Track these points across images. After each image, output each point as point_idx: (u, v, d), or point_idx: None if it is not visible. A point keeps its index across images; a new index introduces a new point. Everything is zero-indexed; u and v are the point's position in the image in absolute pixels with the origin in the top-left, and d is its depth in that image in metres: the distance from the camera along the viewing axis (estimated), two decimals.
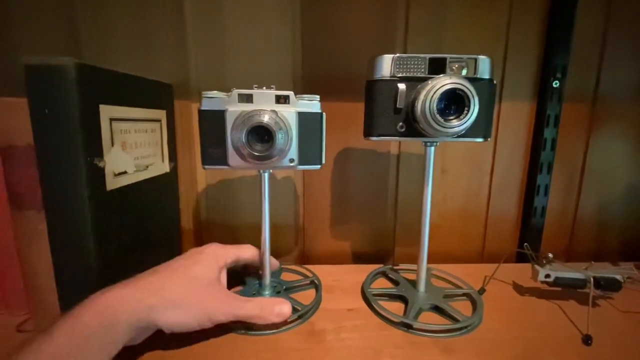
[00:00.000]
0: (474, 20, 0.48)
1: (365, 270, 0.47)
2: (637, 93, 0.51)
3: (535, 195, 0.52)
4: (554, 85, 0.48)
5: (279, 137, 0.33)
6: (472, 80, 0.33)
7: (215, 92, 0.35)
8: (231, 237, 0.52)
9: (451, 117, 0.32)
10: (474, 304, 0.40)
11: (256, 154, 0.33)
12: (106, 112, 0.32)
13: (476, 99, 0.32)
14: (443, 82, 0.32)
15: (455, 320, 0.36)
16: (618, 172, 0.53)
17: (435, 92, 0.31)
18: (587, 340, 0.34)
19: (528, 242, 0.52)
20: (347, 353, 0.32)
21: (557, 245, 0.55)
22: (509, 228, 0.54)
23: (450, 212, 0.53)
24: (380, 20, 0.47)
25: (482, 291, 0.43)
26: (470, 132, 0.35)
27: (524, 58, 0.49)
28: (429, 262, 0.47)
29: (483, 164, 0.52)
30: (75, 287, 0.32)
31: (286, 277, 0.47)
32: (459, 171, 0.52)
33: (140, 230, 0.40)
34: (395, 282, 0.44)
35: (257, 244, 0.40)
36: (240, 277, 0.45)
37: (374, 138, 0.37)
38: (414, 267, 0.42)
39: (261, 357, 0.31)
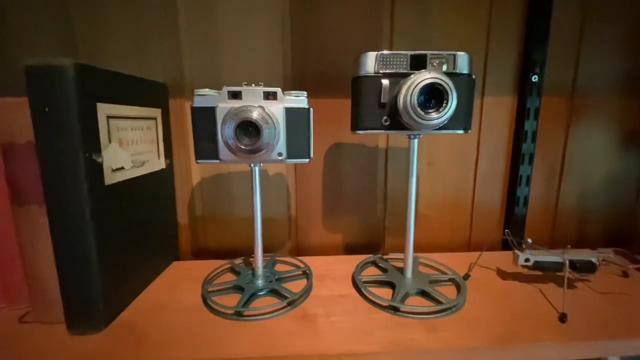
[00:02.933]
0: (456, 19, 0.50)
1: (356, 260, 0.49)
2: (614, 85, 0.53)
3: (518, 186, 0.54)
4: (533, 80, 0.51)
5: (266, 132, 0.34)
6: (452, 75, 0.35)
7: (207, 89, 0.37)
8: (225, 231, 0.54)
9: (431, 110, 0.34)
10: (458, 288, 0.42)
11: (244, 147, 0.35)
12: (103, 110, 0.34)
13: (454, 92, 0.34)
14: (423, 77, 0.34)
15: (439, 302, 0.38)
16: (597, 161, 0.56)
17: (415, 87, 0.33)
18: (562, 318, 0.36)
19: (512, 230, 0.54)
20: (337, 334, 0.34)
21: (541, 233, 0.57)
22: (493, 217, 0.56)
23: (437, 203, 0.55)
24: (366, 19, 0.49)
25: (466, 277, 0.45)
26: (451, 124, 0.37)
27: (504, 55, 0.51)
28: (417, 251, 0.49)
29: (468, 156, 0.54)
30: (77, 278, 0.34)
31: (279, 267, 0.48)
32: (445, 164, 0.54)
33: (138, 224, 0.42)
34: (384, 270, 0.46)
35: (251, 237, 0.41)
36: (234, 268, 0.47)
37: (361, 132, 0.39)
38: (402, 255, 0.44)
39: (254, 340, 0.33)
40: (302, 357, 0.31)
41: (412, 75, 0.35)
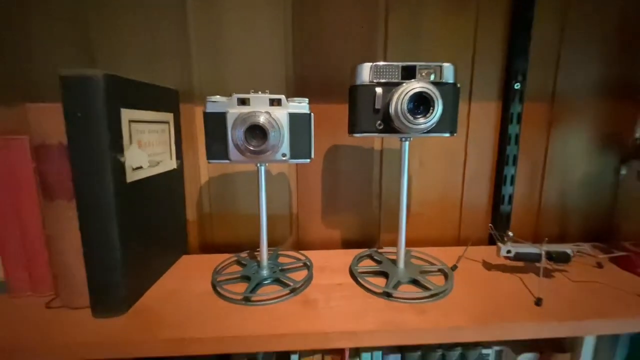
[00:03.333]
0: (444, 31, 0.54)
1: (353, 253, 0.53)
2: (591, 92, 0.57)
3: (503, 185, 0.58)
4: (516, 88, 0.55)
5: (272, 135, 0.38)
6: (438, 84, 0.40)
7: (218, 96, 0.41)
8: (230, 227, 0.58)
9: (419, 116, 0.38)
10: (446, 277, 0.46)
11: (252, 149, 0.39)
12: (126, 115, 0.38)
13: (440, 100, 0.38)
14: (412, 87, 0.38)
15: (428, 289, 0.42)
16: (576, 162, 0.60)
17: (405, 95, 0.38)
18: (538, 302, 0.40)
19: (498, 226, 0.58)
20: (335, 316, 0.38)
21: (525, 229, 0.61)
22: (481, 214, 0.60)
23: (429, 201, 0.60)
24: (362, 32, 0.53)
25: (454, 267, 0.49)
26: (438, 128, 0.41)
27: (489, 65, 0.55)
28: (410, 246, 0.53)
29: (457, 157, 0.59)
30: (102, 267, 0.38)
31: (282, 260, 0.52)
32: (435, 164, 0.59)
33: (152, 219, 0.45)
34: (379, 262, 0.50)
35: (254, 232, 0.45)
36: (240, 261, 0.51)
37: (357, 135, 0.43)
38: (395, 249, 0.48)
39: (261, 321, 0.37)
40: (305, 334, 0.35)
41: (402, 85, 0.39)
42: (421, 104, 0.39)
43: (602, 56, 0.56)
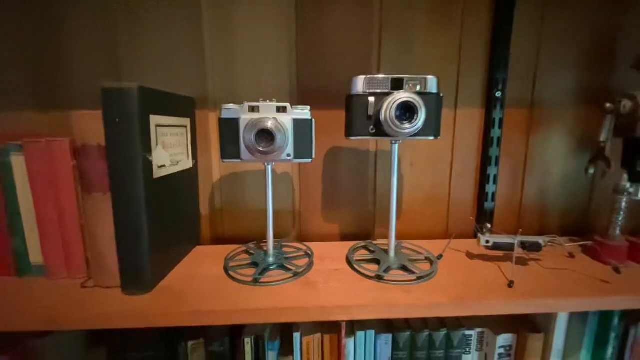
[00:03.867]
0: (432, 47, 0.60)
1: (350, 245, 0.59)
2: (566, 99, 0.63)
3: (487, 184, 0.64)
4: (497, 95, 0.61)
5: (279, 138, 0.44)
6: (423, 94, 0.46)
7: (231, 104, 0.47)
8: (239, 220, 0.64)
9: (405, 122, 0.44)
10: (431, 264, 0.52)
11: (261, 150, 0.45)
12: (154, 120, 0.44)
13: (423, 108, 0.44)
14: (399, 96, 0.44)
15: (414, 273, 0.48)
16: (555, 162, 0.66)
17: (393, 104, 0.44)
18: (510, 284, 0.46)
19: (482, 221, 0.64)
20: (333, 294, 0.44)
21: (508, 224, 0.67)
22: (467, 210, 0.66)
23: (419, 198, 0.65)
24: (359, 46, 0.60)
25: (439, 257, 0.55)
26: (423, 132, 0.47)
27: (473, 75, 0.61)
28: (402, 238, 0.59)
29: (444, 159, 0.64)
30: (132, 252, 0.44)
31: (286, 250, 0.58)
32: (425, 165, 0.65)
33: (173, 212, 0.51)
34: (372, 252, 0.56)
35: (261, 225, 0.51)
36: (248, 250, 0.57)
37: (352, 138, 0.49)
38: (388, 241, 0.53)
39: (268, 298, 0.43)
40: (305, 308, 0.41)
41: (391, 94, 0.45)
42: (407, 111, 0.45)
43: (575, 67, 0.62)
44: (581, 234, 0.63)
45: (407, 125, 0.44)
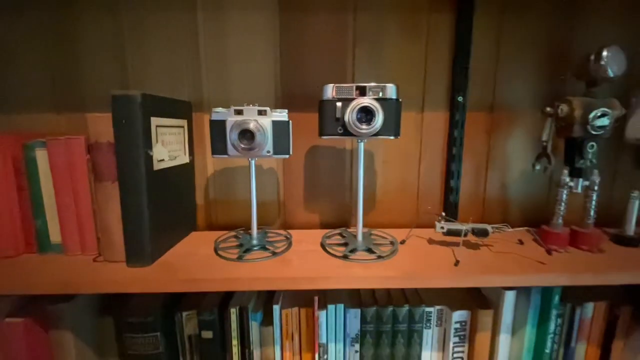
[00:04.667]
0: (400, 57, 0.68)
1: (327, 232, 0.67)
2: (523, 102, 0.70)
3: (451, 179, 0.71)
4: (459, 100, 0.68)
5: (258, 137, 0.53)
6: (383, 100, 0.53)
7: (220, 108, 0.55)
8: (230, 210, 0.72)
9: (363, 124, 0.52)
10: (395, 249, 0.60)
11: (244, 146, 0.53)
12: (154, 121, 0.52)
13: (381, 112, 0.52)
14: (360, 102, 0.52)
15: (376, 254, 0.56)
16: (514, 160, 0.73)
17: (355, 108, 0.52)
18: (456, 263, 0.53)
19: (448, 214, 0.71)
20: (304, 269, 0.51)
21: (473, 216, 0.74)
22: (434, 203, 0.74)
23: (391, 191, 0.73)
24: (335, 57, 0.68)
25: (402, 242, 0.63)
26: (384, 132, 0.54)
27: (437, 82, 0.69)
28: (376, 227, 0.66)
29: (413, 156, 0.72)
30: (135, 231, 0.52)
31: (269, 235, 0.66)
32: (396, 162, 0.72)
33: (171, 201, 0.60)
34: (344, 237, 0.64)
35: (249, 214, 0.59)
36: (237, 235, 0.65)
37: (324, 137, 0.57)
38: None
39: (250, 271, 0.51)
40: (278, 278, 0.49)
41: (355, 100, 0.53)
42: (368, 114, 0.53)
43: (530, 75, 0.69)
44: (539, 224, 0.70)
45: (365, 127, 0.52)
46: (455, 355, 0.64)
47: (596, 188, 0.59)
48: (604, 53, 0.54)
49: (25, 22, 0.65)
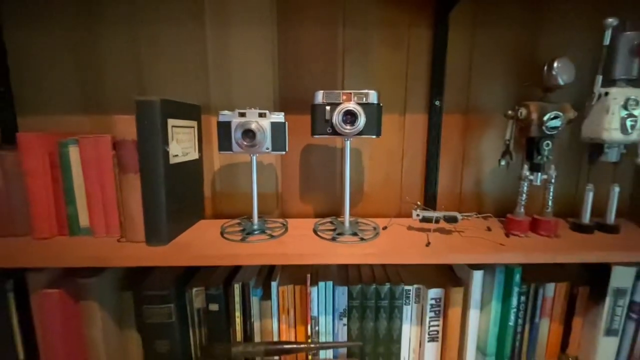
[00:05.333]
0: (385, 66, 0.77)
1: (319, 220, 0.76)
2: (494, 106, 0.79)
3: (430, 174, 0.80)
4: (436, 104, 0.77)
5: (259, 135, 0.62)
6: (365, 104, 0.62)
7: (226, 111, 0.64)
8: (234, 201, 0.81)
9: (347, 125, 0.61)
10: (376, 232, 0.69)
11: (246, 144, 0.62)
12: (170, 122, 0.62)
13: (363, 115, 0.61)
14: (345, 106, 0.61)
15: (359, 236, 0.65)
16: (487, 157, 0.81)
17: (340, 111, 0.61)
18: (427, 244, 0.62)
19: (428, 205, 0.80)
20: (297, 248, 0.60)
21: (451, 207, 0.83)
22: (415, 195, 0.82)
23: (377, 185, 0.82)
24: (327, 65, 0.77)
25: (384, 228, 0.72)
26: (366, 132, 0.63)
27: (417, 88, 0.78)
28: (363, 216, 0.75)
29: (397, 154, 0.81)
30: (154, 216, 0.61)
31: (269, 222, 0.75)
32: (381, 159, 0.81)
33: (183, 192, 0.69)
34: (334, 224, 0.73)
35: (251, 204, 0.68)
36: (240, 222, 0.74)
37: (315, 136, 0.65)
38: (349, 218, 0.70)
39: (251, 249, 0.60)
40: (276, 254, 0.58)
41: (341, 104, 0.62)
42: (352, 117, 0.62)
43: (500, 80, 0.78)
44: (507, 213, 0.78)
45: (349, 127, 0.61)
46: (431, 328, 0.72)
47: (553, 181, 0.68)
48: (555, 64, 0.62)
49: (57, 38, 0.75)
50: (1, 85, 0.75)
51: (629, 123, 0.64)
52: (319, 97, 0.64)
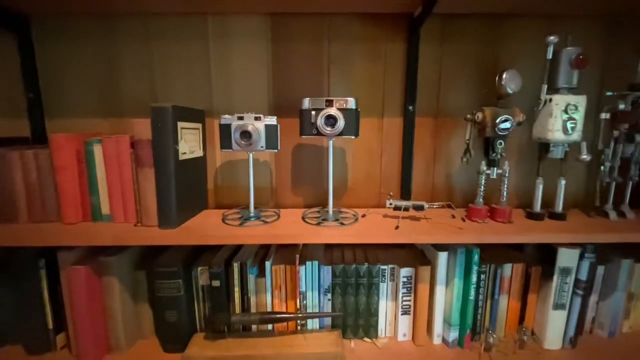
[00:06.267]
0: (365, 76, 0.88)
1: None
2: (459, 110, 0.90)
3: (405, 170, 0.91)
4: (410, 109, 0.89)
5: (254, 136, 0.73)
6: (345, 110, 0.74)
7: (227, 115, 0.76)
8: (233, 193, 0.93)
9: (328, 127, 0.72)
10: (356, 219, 0.80)
11: (244, 143, 0.74)
12: (180, 125, 0.73)
13: (342, 119, 0.72)
14: (327, 111, 0.72)
15: (341, 222, 0.76)
16: (455, 155, 0.93)
17: (323, 115, 0.72)
18: (396, 227, 0.73)
19: (404, 197, 0.92)
20: (287, 230, 0.72)
21: (425, 199, 0.94)
22: (393, 188, 0.94)
23: (359, 180, 0.93)
24: (314, 75, 0.88)
25: (363, 215, 0.83)
26: (347, 132, 0.74)
27: (393, 95, 0.89)
28: (347, 207, 0.86)
29: (376, 152, 0.92)
30: (166, 204, 0.73)
31: (263, 211, 0.87)
32: (363, 157, 0.92)
33: (190, 184, 0.81)
34: (319, 212, 0.84)
35: (248, 196, 0.79)
36: (238, 211, 0.86)
37: (303, 136, 0.77)
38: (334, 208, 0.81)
39: (245, 232, 0.71)
40: (269, 235, 0.69)
41: (324, 110, 0.73)
42: (333, 120, 0.73)
43: (464, 89, 0.90)
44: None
45: (329, 129, 0.72)
46: (404, 303, 0.83)
47: (507, 175, 0.79)
48: (504, 75, 0.74)
49: (81, 53, 0.86)
50: (32, 93, 0.87)
51: (569, 125, 0.75)
52: (306, 103, 0.75)
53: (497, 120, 0.75)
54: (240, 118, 0.76)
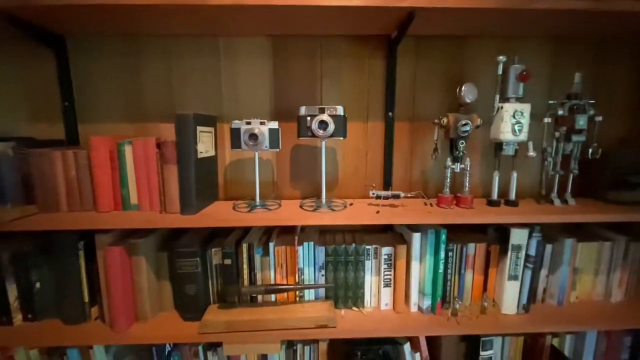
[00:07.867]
0: (352, 86, 1.05)
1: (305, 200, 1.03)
2: (432, 116, 1.07)
3: (387, 166, 1.08)
4: (390, 115, 1.05)
5: (260, 138, 0.89)
6: (334, 116, 0.90)
7: (237, 120, 0.92)
8: (241, 187, 1.08)
9: (320, 130, 0.88)
10: (344, 207, 0.96)
11: (251, 143, 0.90)
12: (199, 129, 0.89)
13: (332, 123, 0.88)
14: (319, 117, 0.88)
15: (332, 209, 0.92)
16: (428, 153, 1.09)
17: (316, 121, 0.88)
18: (377, 212, 0.89)
19: (386, 189, 1.08)
20: (287, 215, 0.87)
21: (402, 190, 1.10)
22: (376, 181, 1.10)
23: (347, 175, 1.09)
24: (309, 86, 1.05)
25: (351, 204, 0.99)
26: (337, 134, 0.91)
27: (376, 103, 1.06)
28: (337, 198, 1.02)
29: (362, 151, 1.09)
30: (187, 194, 0.88)
31: (267, 203, 1.02)
32: (351, 155, 1.09)
33: (205, 179, 0.96)
34: (314, 202, 1.00)
35: (254, 189, 0.95)
36: (246, 202, 1.01)
37: (300, 138, 0.93)
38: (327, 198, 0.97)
39: (253, 217, 0.87)
40: (272, 218, 0.85)
41: (317, 115, 0.90)
42: (325, 124, 0.89)
43: (435, 98, 1.07)
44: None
45: (322, 132, 0.88)
46: (385, 276, 0.99)
47: (468, 169, 0.96)
48: (463, 87, 0.91)
49: (110, 66, 1.02)
50: (67, 101, 1.02)
51: (517, 128, 0.92)
52: (303, 110, 0.91)
53: (459, 124, 0.92)
54: (248, 123, 0.91)
